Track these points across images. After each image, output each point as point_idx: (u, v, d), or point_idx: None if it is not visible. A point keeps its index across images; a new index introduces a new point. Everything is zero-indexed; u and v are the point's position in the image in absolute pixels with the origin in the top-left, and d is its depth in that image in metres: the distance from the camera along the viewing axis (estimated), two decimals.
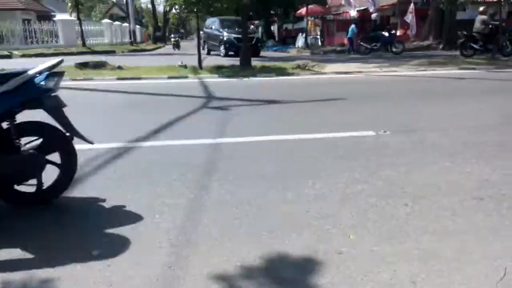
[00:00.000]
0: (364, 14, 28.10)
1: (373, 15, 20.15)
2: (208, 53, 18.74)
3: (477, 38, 12.61)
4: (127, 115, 5.42)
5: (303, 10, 27.17)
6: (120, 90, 7.43)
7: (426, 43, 19.92)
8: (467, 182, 2.83)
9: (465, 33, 12.98)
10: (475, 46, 12.72)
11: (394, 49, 16.71)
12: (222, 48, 17.11)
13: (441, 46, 18.89)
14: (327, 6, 32.12)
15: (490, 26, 12.38)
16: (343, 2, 25.31)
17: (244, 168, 3.19)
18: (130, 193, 2.71)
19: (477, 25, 12.58)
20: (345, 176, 2.97)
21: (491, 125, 4.45)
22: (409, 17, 22.13)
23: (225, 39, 16.93)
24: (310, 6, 26.07)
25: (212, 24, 18.93)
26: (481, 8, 13.14)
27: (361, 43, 17.40)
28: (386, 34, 16.91)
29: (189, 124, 4.86)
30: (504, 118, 4.82)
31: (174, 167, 3.19)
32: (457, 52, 13.74)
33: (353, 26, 19.52)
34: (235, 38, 15.80)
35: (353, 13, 24.85)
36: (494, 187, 2.73)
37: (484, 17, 12.58)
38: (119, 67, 10.51)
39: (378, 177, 2.96)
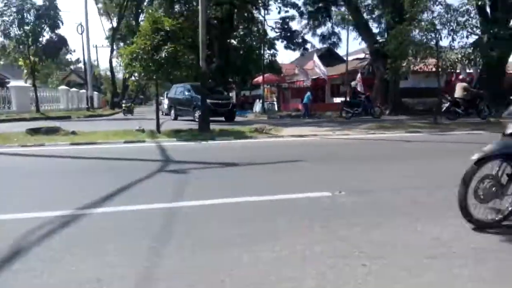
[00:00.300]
0: (317, 82, 29.95)
1: (353, 83, 21.56)
2: (176, 119, 19.09)
3: (460, 103, 13.96)
4: (78, 181, 5.20)
5: (259, 79, 28.61)
6: (73, 156, 7.19)
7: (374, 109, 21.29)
8: (420, 241, 2.91)
9: (449, 98, 14.37)
10: (458, 110, 14.15)
11: (373, 113, 17.90)
12: (197, 113, 16.45)
13: (387, 112, 20.27)
14: (282, 75, 34.06)
15: (470, 92, 14.05)
16: (296, 72, 26.99)
17: (201, 233, 3.10)
18: (76, 264, 2.52)
19: (459, 91, 14.09)
20: (304, 238, 2.96)
21: (439, 185, 4.69)
22: (357, 86, 23.92)
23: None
24: (266, 75, 27.56)
25: (183, 90, 19.11)
26: (461, 76, 14.82)
27: (344, 108, 18.27)
28: (365, 99, 18.18)
29: (144, 188, 4.72)
30: (449, 178, 5.10)
31: (127, 234, 3.04)
32: (404, 117, 14.81)
33: (308, 93, 20.70)
34: (211, 103, 15.72)
35: (307, 82, 26.54)
36: (445, 245, 2.82)
37: (464, 84, 14.24)
38: (73, 132, 10.26)
39: (337, 237, 2.97)
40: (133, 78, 11.88)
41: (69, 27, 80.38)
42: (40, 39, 19.89)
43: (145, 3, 31.48)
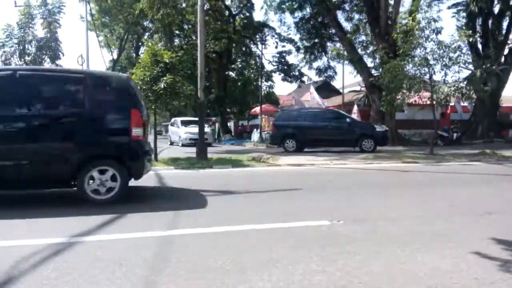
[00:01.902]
0: None
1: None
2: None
3: None
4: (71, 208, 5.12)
5: (257, 109, 28.95)
6: None
7: None
8: (420, 271, 2.85)
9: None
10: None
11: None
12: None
13: None
14: (279, 106, 34.50)
15: None
16: (293, 103, 27.37)
17: (196, 262, 3.03)
18: None
19: None
20: (302, 267, 2.90)
21: (437, 214, 4.66)
22: (354, 117, 24.20)
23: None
24: (264, 105, 27.91)
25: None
26: None
27: None
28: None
29: (139, 216, 4.64)
30: (448, 207, 5.08)
31: (120, 263, 2.97)
32: (400, 147, 14.88)
33: None
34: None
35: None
36: (445, 275, 2.76)
37: None
38: None
39: (335, 267, 2.91)
40: None
41: (70, 58, 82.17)
42: None
43: (145, 37, 32.27)
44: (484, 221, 4.36)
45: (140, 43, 37.15)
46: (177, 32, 29.95)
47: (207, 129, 21.97)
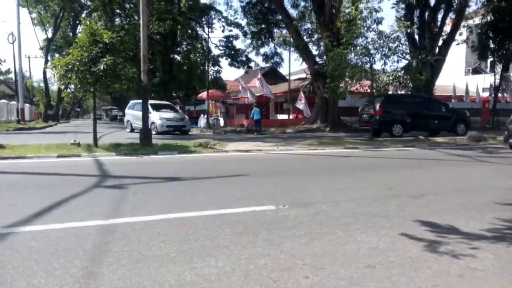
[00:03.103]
0: (261, 99, 30.54)
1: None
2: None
3: None
4: (3, 197, 4.74)
5: (204, 94, 28.54)
6: None
7: (315, 125, 22.12)
8: (359, 251, 2.99)
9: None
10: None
11: None
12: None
13: (328, 129, 21.11)
14: (226, 91, 34.27)
15: None
16: (240, 88, 27.33)
17: (140, 250, 2.94)
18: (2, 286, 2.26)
19: None
20: (248, 251, 2.92)
21: (375, 197, 4.91)
22: (300, 104, 24.76)
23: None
24: (210, 91, 27.57)
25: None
26: None
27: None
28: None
29: (77, 204, 4.41)
30: (386, 191, 5.38)
31: (58, 254, 2.80)
32: (342, 134, 15.48)
33: (258, 109, 20.87)
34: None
35: (251, 98, 26.98)
36: (383, 254, 2.93)
37: None
38: (1, 146, 9.43)
39: (280, 250, 2.97)
40: (68, 90, 11.20)
41: None
42: None
43: (83, 15, 30.26)
44: (418, 202, 4.67)
45: (77, 22, 34.84)
46: (118, 11, 28.47)
47: (183, 114, 21.08)
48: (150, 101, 22.07)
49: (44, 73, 38.29)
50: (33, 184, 5.76)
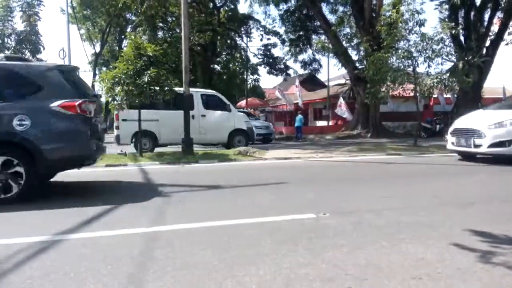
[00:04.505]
0: (297, 106, 30.44)
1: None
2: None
3: None
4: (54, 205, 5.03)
5: (242, 102, 28.89)
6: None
7: (355, 132, 21.70)
8: (405, 262, 2.89)
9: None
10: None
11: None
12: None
13: (369, 135, 20.63)
14: (265, 99, 34.47)
15: None
16: (278, 96, 27.37)
17: (183, 258, 3.01)
18: None
19: None
20: (289, 260, 2.91)
21: (421, 205, 4.73)
22: (339, 110, 24.41)
23: None
24: (249, 99, 27.89)
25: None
26: None
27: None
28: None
29: (124, 212, 4.60)
30: (431, 199, 5.17)
31: (106, 261, 2.93)
32: (384, 140, 15.08)
33: (301, 116, 20.80)
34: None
35: (290, 106, 26.94)
36: (430, 266, 2.81)
37: None
38: None
39: (321, 259, 2.93)
40: (115, 102, 11.74)
41: (51, 51, 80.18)
42: None
43: (128, 30, 31.73)
44: (467, 211, 4.44)
45: (123, 36, 36.50)
46: (160, 24, 29.60)
47: (266, 122, 21.02)
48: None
49: (93, 86, 40.34)
50: (81, 193, 6.07)
